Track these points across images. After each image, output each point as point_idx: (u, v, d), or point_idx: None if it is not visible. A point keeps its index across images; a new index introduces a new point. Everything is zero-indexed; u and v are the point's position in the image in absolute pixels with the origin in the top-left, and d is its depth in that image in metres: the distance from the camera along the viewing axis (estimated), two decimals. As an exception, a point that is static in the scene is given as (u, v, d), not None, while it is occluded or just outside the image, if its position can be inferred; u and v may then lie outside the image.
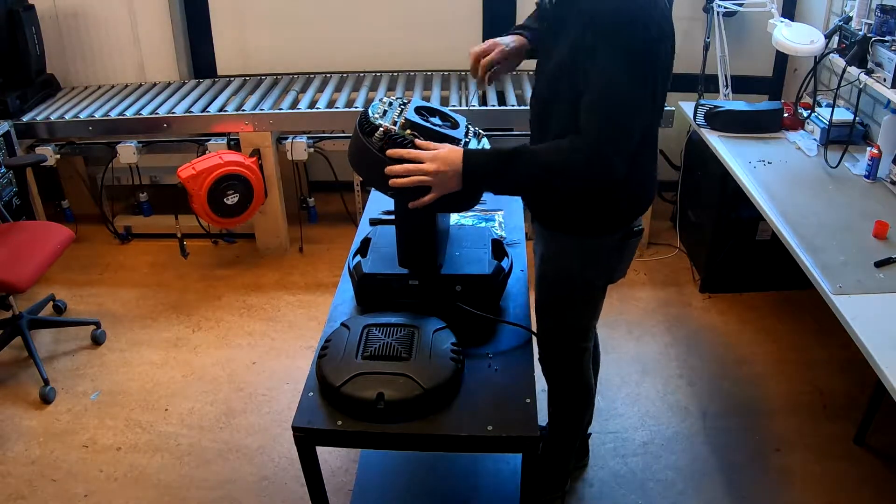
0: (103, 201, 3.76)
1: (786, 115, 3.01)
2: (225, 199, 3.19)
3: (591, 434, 2.32)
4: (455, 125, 1.68)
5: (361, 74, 3.72)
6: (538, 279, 1.85)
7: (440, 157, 1.47)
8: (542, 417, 2.28)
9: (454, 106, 3.28)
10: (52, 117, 3.37)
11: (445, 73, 3.72)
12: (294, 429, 1.43)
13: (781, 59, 3.58)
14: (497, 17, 3.64)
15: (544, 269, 1.83)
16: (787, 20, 2.88)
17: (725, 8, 3.12)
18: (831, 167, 2.61)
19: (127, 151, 3.38)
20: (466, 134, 1.68)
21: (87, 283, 3.39)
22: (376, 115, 1.59)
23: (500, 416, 1.43)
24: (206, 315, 3.15)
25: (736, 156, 2.76)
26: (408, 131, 1.56)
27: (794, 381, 2.66)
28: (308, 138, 3.43)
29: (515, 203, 2.23)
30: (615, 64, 1.41)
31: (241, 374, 2.78)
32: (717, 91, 3.24)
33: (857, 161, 2.64)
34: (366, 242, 1.83)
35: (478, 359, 1.59)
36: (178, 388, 2.71)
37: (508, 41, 1.74)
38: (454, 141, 1.61)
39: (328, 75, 3.74)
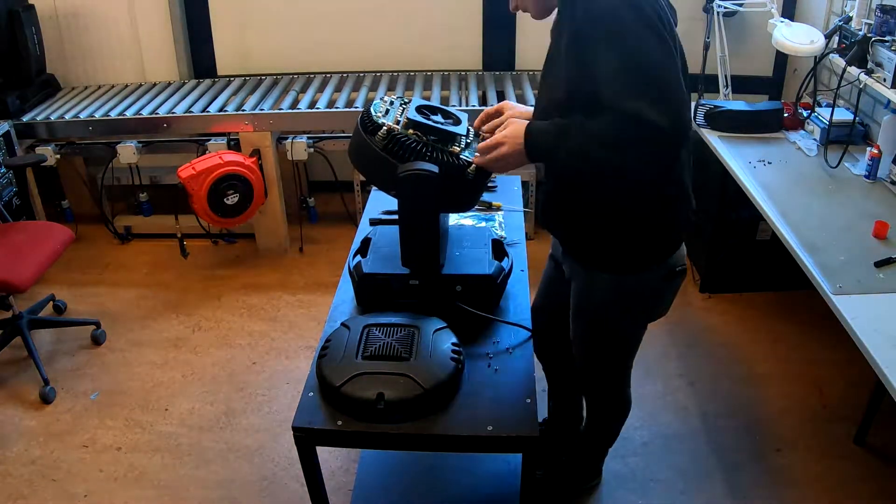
0: (103, 201, 3.76)
1: (786, 115, 3.01)
2: (225, 199, 3.18)
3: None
4: (457, 122, 1.69)
5: (361, 74, 3.72)
6: (574, 313, 1.80)
7: (509, 134, 1.53)
8: (542, 412, 2.29)
9: (454, 105, 3.28)
10: (52, 117, 3.37)
11: (445, 73, 3.72)
12: (294, 429, 1.43)
13: (781, 59, 3.57)
14: (497, 17, 3.63)
15: (580, 304, 1.77)
16: (787, 20, 2.88)
17: (725, 8, 3.12)
18: (831, 167, 2.61)
19: (127, 151, 3.38)
20: (468, 133, 1.69)
21: (87, 283, 3.39)
22: (379, 114, 1.60)
23: (500, 416, 1.43)
24: (206, 315, 3.15)
25: (736, 156, 2.76)
26: (410, 130, 1.57)
27: (794, 381, 2.66)
28: (308, 138, 3.43)
29: (515, 203, 2.23)
30: (622, 36, 1.33)
31: (241, 374, 2.78)
32: (717, 91, 3.24)
33: (857, 161, 2.64)
34: (366, 242, 1.83)
35: (478, 359, 1.59)
36: (178, 388, 2.71)
37: (521, 110, 1.67)
38: (456, 137, 1.62)
39: (328, 75, 3.74)
